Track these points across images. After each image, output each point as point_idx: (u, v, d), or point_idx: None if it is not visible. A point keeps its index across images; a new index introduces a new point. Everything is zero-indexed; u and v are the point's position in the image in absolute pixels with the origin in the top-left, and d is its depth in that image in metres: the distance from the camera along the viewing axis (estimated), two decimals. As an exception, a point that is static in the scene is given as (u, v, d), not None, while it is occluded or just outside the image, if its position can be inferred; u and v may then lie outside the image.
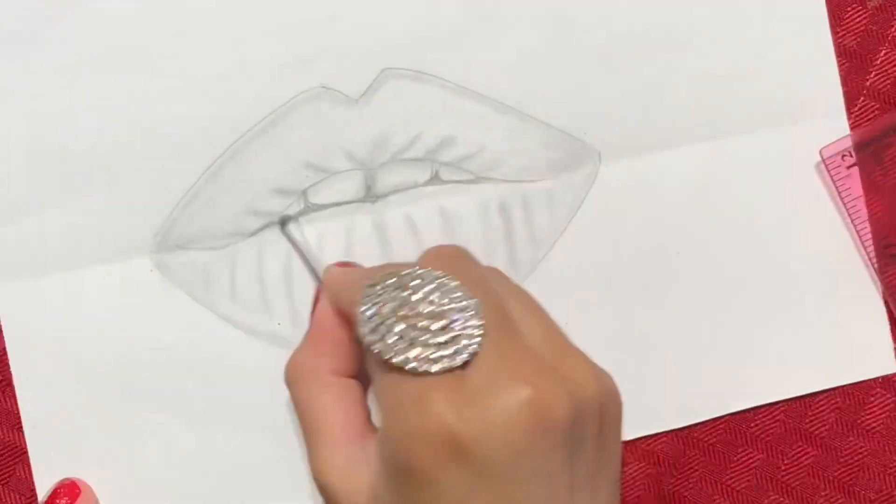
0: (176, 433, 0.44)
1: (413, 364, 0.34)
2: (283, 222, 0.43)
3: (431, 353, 0.34)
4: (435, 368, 0.33)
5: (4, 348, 0.43)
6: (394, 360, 0.34)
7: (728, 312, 0.44)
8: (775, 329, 0.45)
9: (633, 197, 0.44)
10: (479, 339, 0.34)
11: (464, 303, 0.35)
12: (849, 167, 0.44)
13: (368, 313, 0.35)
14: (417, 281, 0.35)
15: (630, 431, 0.44)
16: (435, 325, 0.34)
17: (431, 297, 0.35)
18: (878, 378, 0.45)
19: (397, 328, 0.34)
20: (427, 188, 0.43)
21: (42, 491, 0.43)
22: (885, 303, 0.45)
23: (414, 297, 0.35)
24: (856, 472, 0.45)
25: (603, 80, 0.44)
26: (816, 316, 0.45)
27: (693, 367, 0.44)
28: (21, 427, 0.43)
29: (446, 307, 0.34)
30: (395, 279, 0.35)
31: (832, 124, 0.44)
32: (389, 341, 0.34)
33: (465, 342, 0.34)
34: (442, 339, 0.34)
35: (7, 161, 0.43)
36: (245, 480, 0.44)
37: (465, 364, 0.34)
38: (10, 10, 0.43)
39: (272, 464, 0.44)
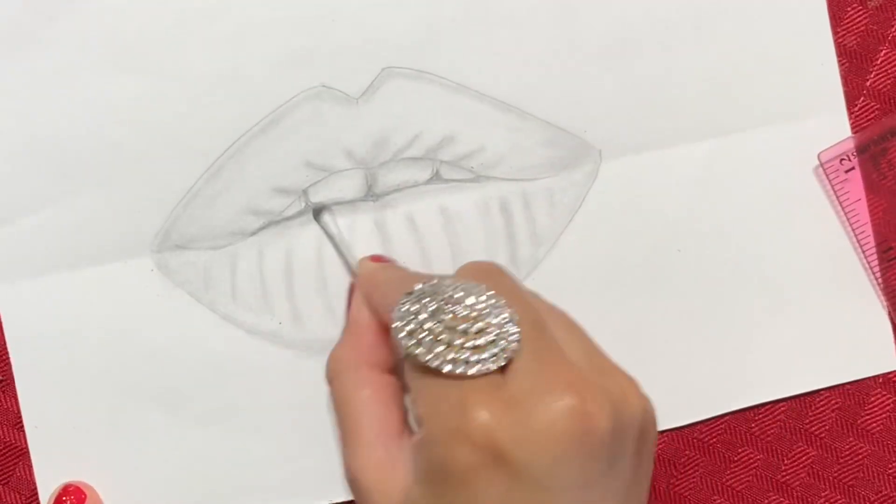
0: (176, 433, 0.43)
1: (449, 366, 0.33)
2: (318, 212, 0.43)
3: (468, 356, 0.33)
4: (471, 371, 0.33)
5: (5, 348, 0.43)
6: (430, 363, 0.33)
7: (728, 311, 0.44)
8: (775, 327, 0.45)
9: (634, 195, 0.44)
10: (516, 344, 0.34)
11: (500, 310, 0.34)
12: (847, 171, 0.44)
13: (405, 318, 0.35)
14: (453, 288, 0.35)
15: (630, 431, 0.44)
16: (471, 329, 0.34)
17: (467, 303, 0.35)
18: (878, 378, 0.45)
19: (434, 331, 0.34)
20: (428, 187, 0.43)
21: (44, 491, 0.43)
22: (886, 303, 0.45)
23: (450, 304, 0.34)
24: (856, 473, 0.45)
25: (603, 78, 0.44)
26: (816, 314, 0.45)
27: (693, 365, 0.44)
28: (22, 426, 0.43)
29: (483, 313, 0.34)
30: (431, 286, 0.35)
31: (832, 124, 0.44)
32: (425, 344, 0.34)
33: (501, 346, 0.34)
34: (478, 342, 0.34)
35: (7, 161, 0.43)
36: (246, 480, 0.44)
37: (502, 370, 0.34)
38: (10, 10, 0.43)
39: (273, 463, 0.44)
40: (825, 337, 0.45)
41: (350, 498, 0.44)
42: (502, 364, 0.33)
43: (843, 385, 0.45)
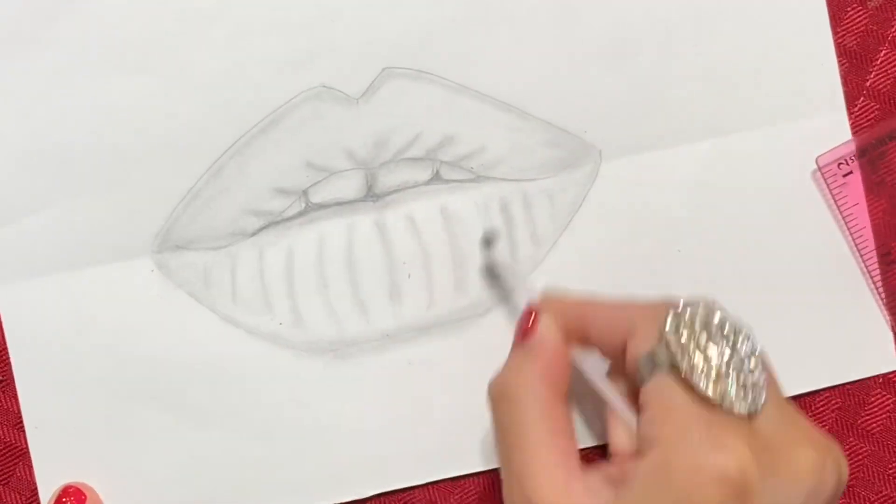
0: (176, 433, 0.43)
1: (717, 396, 0.33)
2: (488, 241, 0.42)
3: (741, 393, 0.34)
4: (741, 408, 0.34)
5: (5, 348, 0.43)
6: (707, 391, 0.34)
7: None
8: (775, 327, 0.44)
9: (634, 195, 0.44)
10: (764, 388, 0.34)
11: (758, 349, 0.35)
12: (845, 175, 0.44)
13: (679, 335, 0.34)
14: (720, 316, 0.35)
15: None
16: (750, 366, 0.34)
17: (733, 332, 0.35)
18: (878, 378, 0.45)
19: (710, 353, 0.34)
20: (428, 187, 0.43)
21: (45, 492, 0.43)
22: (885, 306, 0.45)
23: (721, 331, 0.35)
24: (856, 473, 0.45)
25: (603, 78, 0.44)
26: (816, 314, 0.45)
27: (694, 366, 0.44)
28: (22, 427, 0.43)
29: (748, 350, 0.35)
30: (703, 308, 0.35)
31: (832, 124, 0.44)
32: (701, 369, 0.34)
33: (762, 386, 0.34)
34: (752, 380, 0.34)
35: (7, 161, 0.43)
36: (246, 480, 0.44)
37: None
38: (10, 10, 0.43)
39: (273, 463, 0.44)
40: (825, 337, 0.45)
41: (348, 498, 0.44)
42: (762, 405, 0.34)
43: (843, 385, 0.45)
